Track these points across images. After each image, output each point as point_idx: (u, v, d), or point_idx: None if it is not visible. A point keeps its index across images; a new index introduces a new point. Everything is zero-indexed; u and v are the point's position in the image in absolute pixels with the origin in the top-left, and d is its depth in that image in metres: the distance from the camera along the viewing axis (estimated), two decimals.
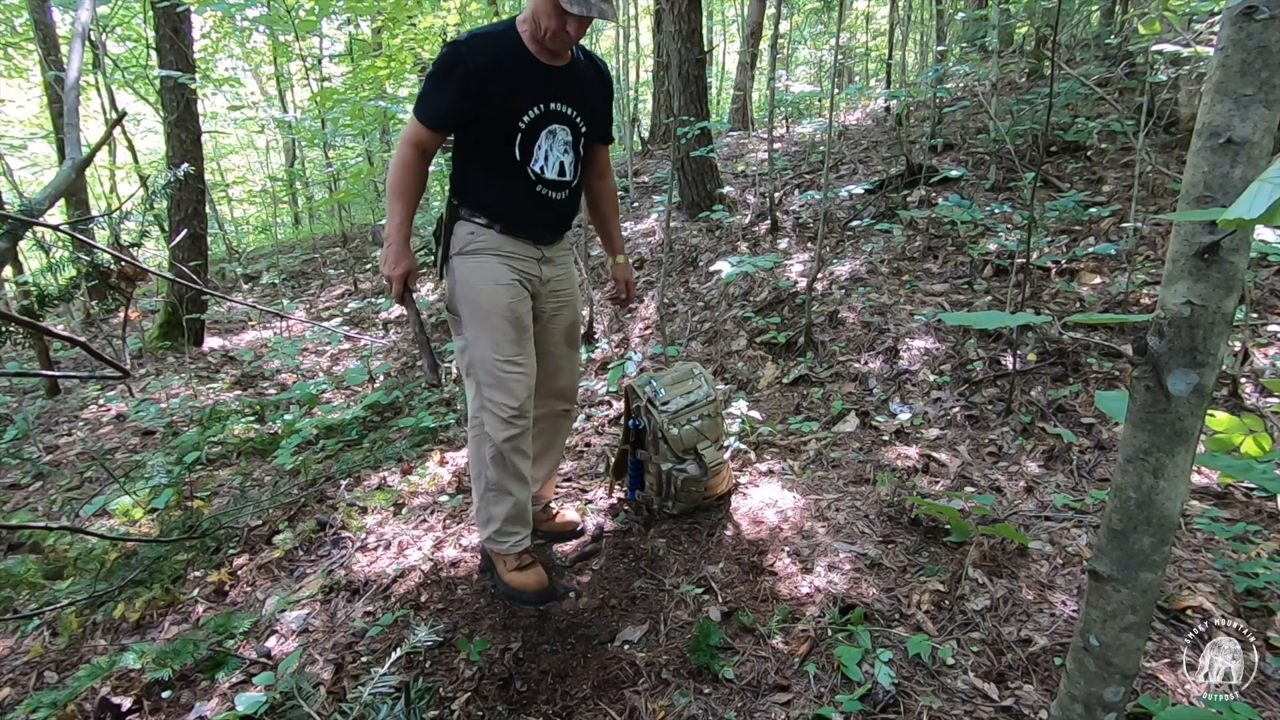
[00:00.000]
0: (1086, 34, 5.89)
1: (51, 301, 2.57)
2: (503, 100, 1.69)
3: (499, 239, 1.80)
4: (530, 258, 1.85)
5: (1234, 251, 0.79)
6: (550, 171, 1.79)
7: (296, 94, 12.21)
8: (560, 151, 1.79)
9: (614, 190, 2.06)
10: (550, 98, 1.74)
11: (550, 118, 1.75)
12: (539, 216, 1.84)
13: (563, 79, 1.75)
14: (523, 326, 1.82)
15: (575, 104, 1.78)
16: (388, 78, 6.46)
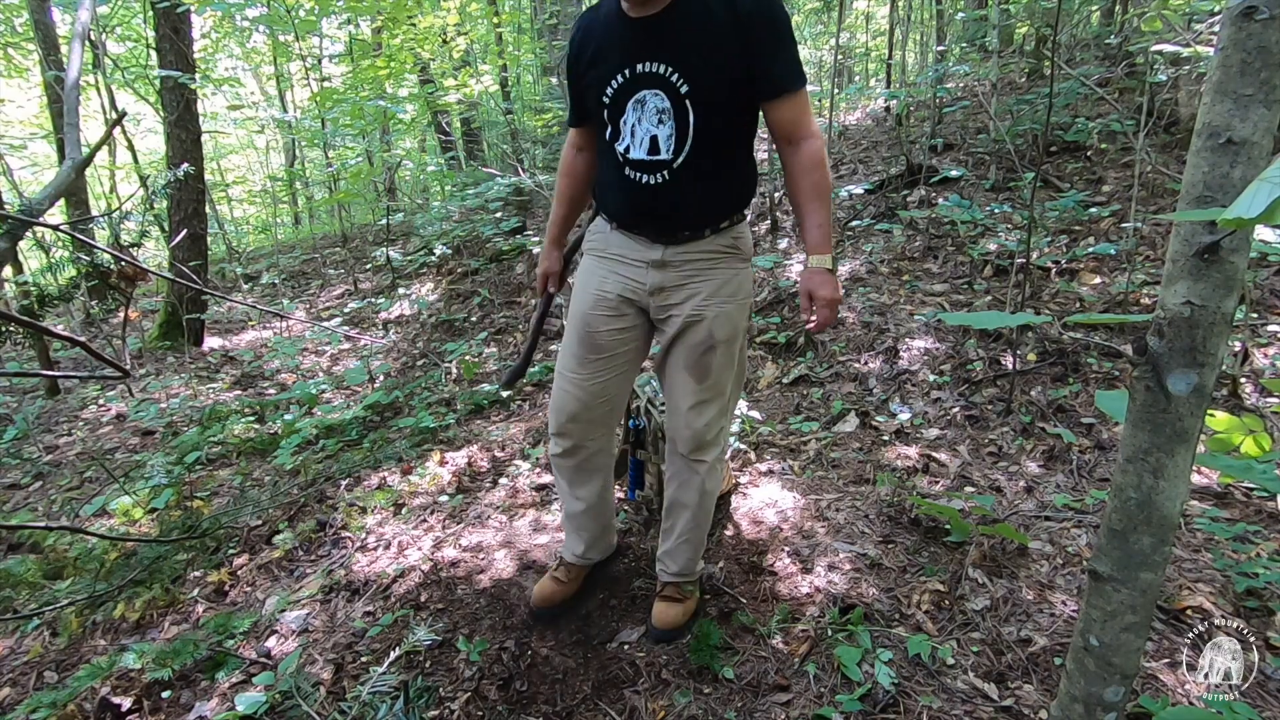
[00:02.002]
0: (1086, 34, 5.89)
1: (51, 301, 2.57)
2: (592, 73, 1.48)
3: (609, 237, 1.62)
4: (640, 261, 1.57)
5: (1234, 251, 0.79)
6: (637, 149, 1.47)
7: (296, 94, 12.21)
8: (652, 123, 1.45)
9: (809, 163, 1.44)
10: (636, 59, 1.42)
11: (638, 83, 1.43)
12: (632, 206, 1.55)
13: (656, 31, 1.40)
14: (592, 341, 1.62)
15: (672, 59, 1.40)
16: (388, 78, 6.46)
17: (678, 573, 1.78)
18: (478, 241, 6.27)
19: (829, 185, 1.48)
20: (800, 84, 1.43)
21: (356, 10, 6.14)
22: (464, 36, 6.62)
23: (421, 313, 5.55)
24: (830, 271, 1.47)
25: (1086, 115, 4.71)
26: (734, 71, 1.39)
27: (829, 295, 1.46)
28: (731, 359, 1.61)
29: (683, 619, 1.77)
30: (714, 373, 1.58)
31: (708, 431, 1.63)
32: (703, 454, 1.66)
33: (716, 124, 1.44)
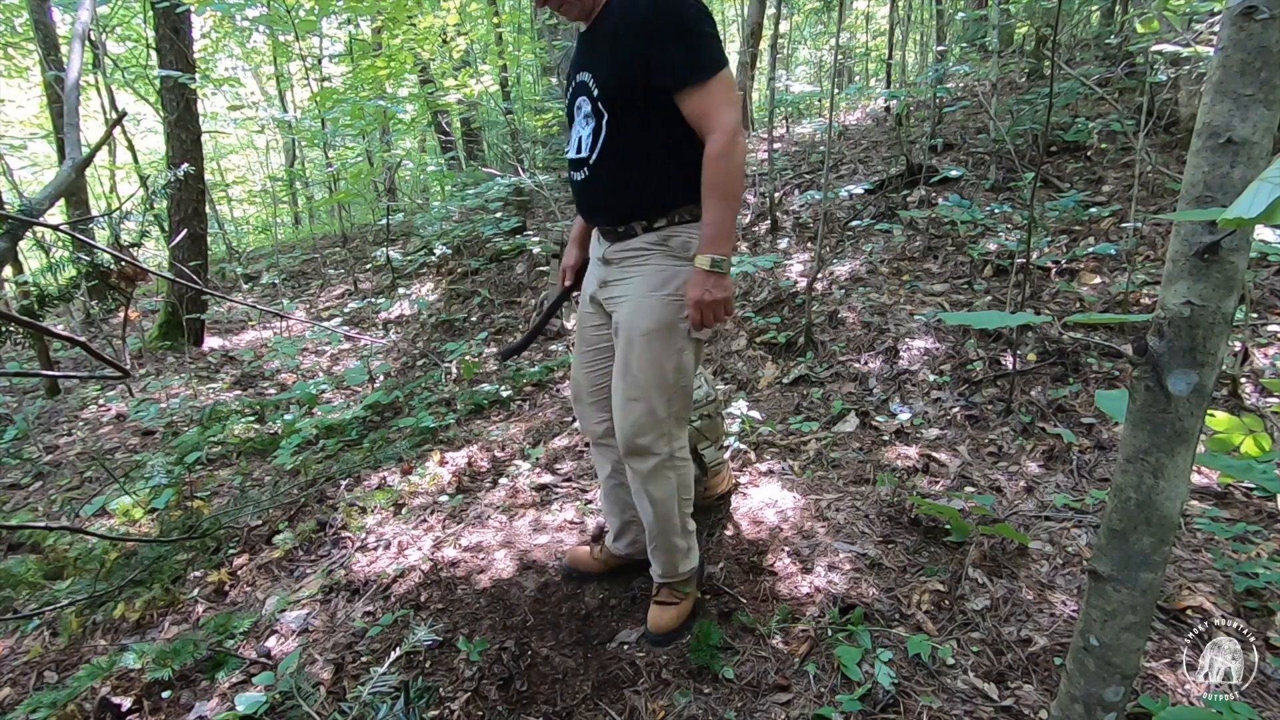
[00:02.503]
0: (1086, 34, 5.89)
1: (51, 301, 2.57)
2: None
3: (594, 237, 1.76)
4: (597, 259, 1.70)
5: (1234, 251, 0.79)
6: (571, 150, 1.62)
7: (296, 94, 12.21)
8: (581, 126, 1.58)
9: (711, 156, 1.42)
10: (576, 69, 1.58)
11: (577, 91, 1.58)
12: (576, 203, 1.71)
13: (587, 43, 1.57)
14: (581, 334, 1.81)
15: (592, 67, 1.53)
16: (388, 78, 6.46)
17: (660, 575, 1.80)
18: (478, 241, 6.27)
19: (728, 183, 1.42)
20: (703, 76, 1.40)
21: (356, 10, 6.14)
22: (464, 36, 6.62)
23: (421, 313, 5.55)
24: (708, 272, 1.45)
25: (1086, 115, 4.71)
26: (634, 71, 1.43)
27: (694, 296, 1.47)
28: (655, 358, 1.56)
29: (675, 622, 1.77)
30: (634, 370, 1.58)
31: (635, 434, 1.61)
32: (634, 459, 1.65)
33: (627, 124, 1.49)
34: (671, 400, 1.61)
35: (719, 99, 1.40)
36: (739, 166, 1.41)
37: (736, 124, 1.40)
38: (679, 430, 1.68)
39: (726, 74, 1.42)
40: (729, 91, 1.41)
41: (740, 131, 1.41)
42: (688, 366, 1.61)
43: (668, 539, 1.75)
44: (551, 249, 5.06)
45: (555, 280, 4.75)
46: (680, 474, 1.71)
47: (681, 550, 1.78)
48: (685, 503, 1.75)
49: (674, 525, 1.73)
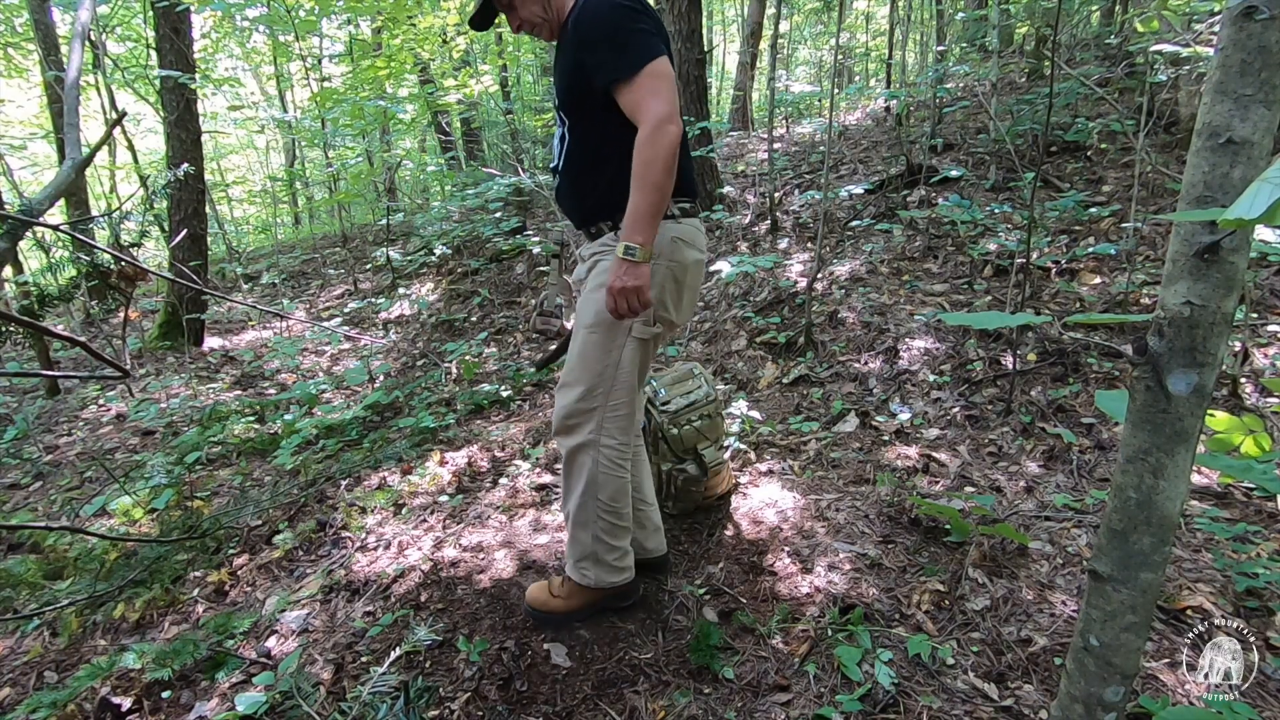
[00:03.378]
0: (1086, 34, 5.89)
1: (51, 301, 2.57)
2: None
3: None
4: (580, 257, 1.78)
5: (1234, 251, 0.79)
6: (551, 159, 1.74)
7: (296, 94, 12.21)
8: (556, 135, 1.69)
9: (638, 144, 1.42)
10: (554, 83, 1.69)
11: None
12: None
13: (555, 57, 1.67)
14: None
15: (555, 79, 1.66)
16: (388, 78, 6.46)
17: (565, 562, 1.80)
18: (478, 241, 6.27)
19: (646, 172, 1.42)
20: (629, 72, 1.42)
21: (356, 10, 6.14)
22: (464, 36, 6.62)
23: (421, 313, 5.55)
24: (620, 260, 1.45)
25: (1086, 115, 4.71)
26: (576, 79, 1.52)
27: (608, 282, 1.49)
28: (594, 350, 1.61)
29: (543, 605, 1.80)
30: (574, 359, 1.65)
31: (565, 416, 1.66)
32: (561, 437, 1.69)
33: (583, 129, 1.58)
34: (609, 393, 1.64)
35: (645, 91, 1.42)
36: (660, 156, 1.40)
37: (662, 114, 1.40)
38: (615, 426, 1.67)
39: (654, 67, 1.42)
40: (656, 83, 1.42)
41: (667, 121, 1.40)
42: (627, 363, 1.63)
43: (575, 530, 1.74)
44: (551, 249, 5.06)
45: (555, 280, 4.75)
46: (601, 470, 1.67)
47: (586, 552, 1.74)
48: (602, 508, 1.69)
49: (582, 520, 1.71)
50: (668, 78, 1.43)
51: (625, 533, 1.76)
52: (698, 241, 1.66)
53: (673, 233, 1.59)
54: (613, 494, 1.70)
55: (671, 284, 1.61)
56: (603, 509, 1.70)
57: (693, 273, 1.65)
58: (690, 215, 1.65)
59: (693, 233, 1.64)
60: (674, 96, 1.43)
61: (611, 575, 1.77)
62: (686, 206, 1.63)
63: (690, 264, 1.63)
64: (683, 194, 1.62)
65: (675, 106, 1.42)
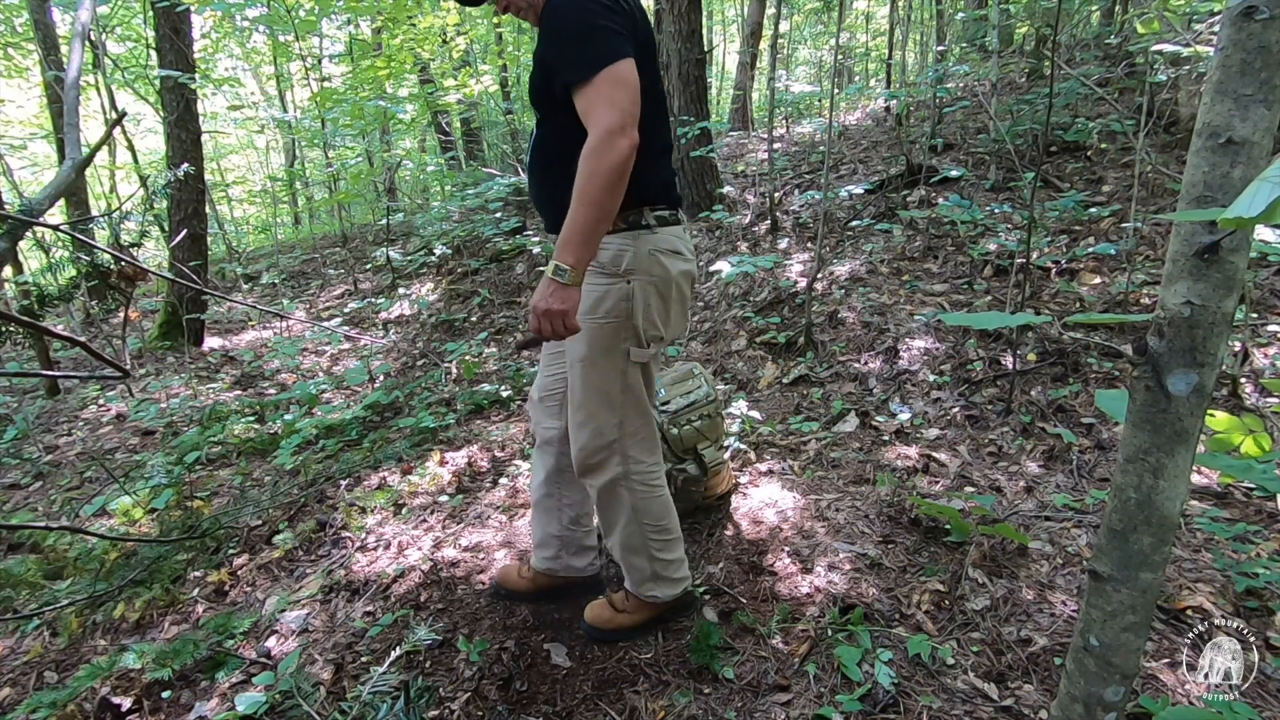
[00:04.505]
0: (1086, 34, 5.89)
1: (51, 301, 2.56)
2: None
3: None
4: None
5: (1234, 251, 0.79)
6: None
7: (296, 94, 12.21)
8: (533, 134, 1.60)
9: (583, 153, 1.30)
10: None
11: None
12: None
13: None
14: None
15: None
16: (388, 78, 6.46)
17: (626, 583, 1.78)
18: (478, 241, 6.27)
19: (585, 185, 1.28)
20: (585, 74, 1.30)
21: (356, 10, 6.14)
22: (464, 36, 6.62)
23: (421, 313, 5.55)
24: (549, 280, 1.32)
25: (1086, 115, 4.71)
26: (540, 75, 1.44)
27: (533, 303, 1.35)
28: (596, 383, 1.54)
29: (608, 625, 1.76)
30: (578, 395, 1.57)
31: (585, 456, 1.60)
32: (588, 477, 1.64)
33: (550, 128, 1.50)
34: (624, 421, 1.57)
35: (597, 98, 1.29)
36: (601, 171, 1.27)
37: (610, 125, 1.27)
38: (639, 450, 1.61)
39: (613, 71, 1.29)
40: (612, 89, 1.29)
41: (616, 133, 1.27)
42: (634, 385, 1.56)
43: (628, 558, 1.71)
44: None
45: None
46: (639, 497, 1.63)
47: (645, 574, 1.71)
48: (651, 529, 1.66)
49: (634, 546, 1.68)
50: (626, 84, 1.30)
51: (678, 543, 1.74)
52: (680, 250, 1.56)
53: (649, 245, 1.49)
54: (658, 514, 1.66)
55: (656, 300, 1.52)
56: (651, 530, 1.66)
57: (679, 285, 1.56)
58: (670, 224, 1.54)
59: (672, 241, 1.54)
60: (631, 105, 1.29)
61: (673, 589, 1.74)
62: (665, 215, 1.53)
63: (674, 276, 1.53)
64: (661, 201, 1.52)
65: (630, 117, 1.29)
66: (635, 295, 1.49)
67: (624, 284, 1.48)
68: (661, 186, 1.52)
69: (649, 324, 1.52)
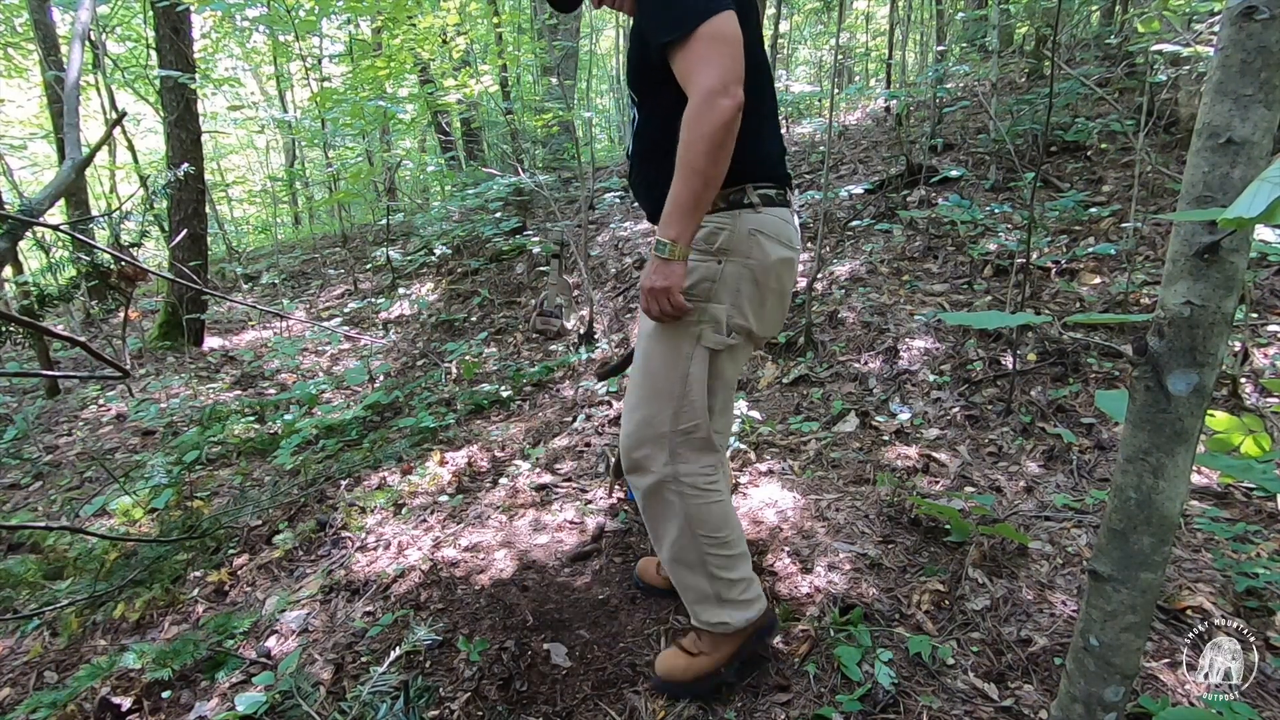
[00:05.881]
0: (1086, 34, 5.89)
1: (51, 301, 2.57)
2: None
3: None
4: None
5: (1234, 251, 0.79)
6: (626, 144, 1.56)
7: (296, 94, 12.21)
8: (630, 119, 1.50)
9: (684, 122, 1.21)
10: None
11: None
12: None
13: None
14: None
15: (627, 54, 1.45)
16: (388, 78, 6.46)
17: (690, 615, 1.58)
18: (478, 241, 6.27)
19: (686, 155, 1.20)
20: (678, 32, 1.19)
21: (356, 10, 6.14)
22: (464, 36, 6.62)
23: (421, 313, 5.55)
24: (654, 256, 1.27)
25: (1086, 115, 4.71)
26: (636, 48, 1.33)
27: (642, 282, 1.31)
28: (658, 364, 1.40)
29: (682, 674, 1.54)
30: (638, 375, 1.45)
31: (632, 446, 1.45)
32: (633, 475, 1.48)
33: (651, 109, 1.38)
34: (678, 415, 1.41)
35: (695, 59, 1.18)
36: (703, 136, 1.17)
37: (711, 86, 1.16)
38: (689, 451, 1.43)
39: (711, 27, 1.17)
40: (709, 47, 1.17)
41: (718, 94, 1.16)
42: (698, 378, 1.39)
43: (681, 576, 1.50)
44: (551, 249, 5.06)
45: (555, 280, 4.75)
46: (691, 504, 1.44)
47: (705, 595, 1.50)
48: (708, 542, 1.46)
49: (688, 561, 1.48)
50: (725, 40, 1.17)
51: (742, 560, 1.52)
52: (784, 235, 1.39)
53: (750, 225, 1.35)
54: (716, 524, 1.46)
55: (749, 286, 1.37)
56: (709, 544, 1.45)
57: (778, 273, 1.39)
58: (776, 204, 1.39)
59: (777, 225, 1.38)
60: (733, 62, 1.18)
61: (745, 611, 1.51)
62: (771, 194, 1.38)
63: (773, 263, 1.37)
64: (765, 179, 1.37)
65: (733, 75, 1.17)
66: (724, 276, 1.35)
67: (714, 263, 1.35)
68: (766, 160, 1.38)
69: (735, 311, 1.38)
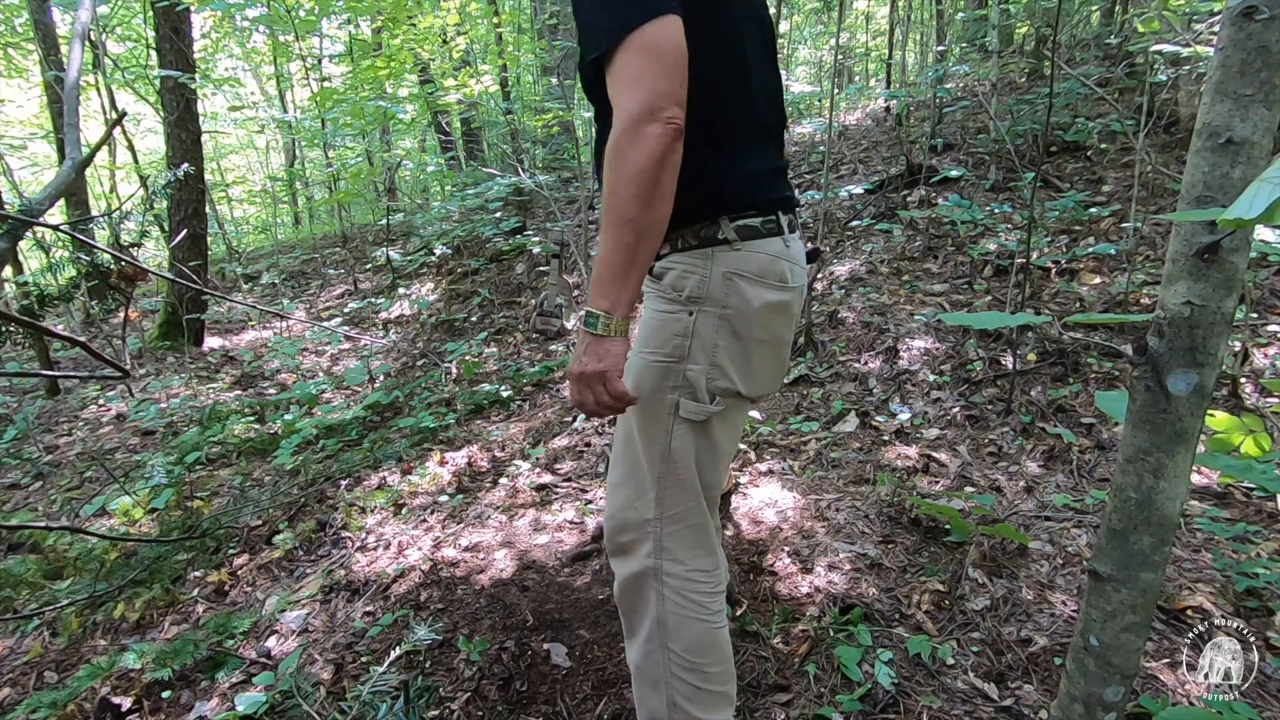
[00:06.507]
0: (1086, 34, 5.89)
1: (51, 301, 2.57)
2: None
3: None
4: None
5: (1234, 251, 0.79)
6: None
7: (296, 94, 12.21)
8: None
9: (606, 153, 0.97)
10: None
11: None
12: None
13: None
14: None
15: None
16: (388, 78, 6.46)
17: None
18: (478, 241, 6.27)
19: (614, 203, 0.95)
20: (596, 49, 0.97)
21: (356, 10, 6.14)
22: (464, 36, 6.61)
23: (421, 313, 5.55)
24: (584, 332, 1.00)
25: (1086, 115, 4.71)
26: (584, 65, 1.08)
27: (570, 366, 1.04)
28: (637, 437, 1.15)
29: None
30: (618, 448, 1.21)
31: (615, 529, 1.21)
32: (614, 559, 1.23)
33: (602, 125, 1.12)
34: (663, 498, 1.15)
35: (620, 75, 0.95)
36: (629, 174, 0.93)
37: (633, 110, 0.92)
38: (679, 547, 1.17)
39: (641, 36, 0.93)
40: (639, 61, 0.93)
41: (643, 120, 0.92)
42: (682, 455, 1.13)
43: (640, 690, 1.23)
44: (551, 249, 5.06)
45: (555, 280, 4.75)
46: (670, 611, 1.17)
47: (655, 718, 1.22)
48: (679, 664, 1.17)
49: (650, 676, 1.20)
50: (659, 53, 0.92)
51: (719, 704, 1.20)
52: (773, 274, 1.11)
53: (725, 266, 1.08)
54: (691, 644, 1.17)
55: (729, 340, 1.10)
56: (679, 666, 1.17)
57: (764, 322, 1.11)
58: (760, 236, 1.10)
59: (762, 263, 1.10)
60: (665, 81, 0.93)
61: None
62: (755, 224, 1.10)
63: (757, 310, 1.10)
64: (745, 207, 1.10)
65: (662, 95, 0.92)
66: (696, 331, 1.09)
67: (685, 314, 1.10)
68: (747, 184, 1.11)
69: (716, 371, 1.11)
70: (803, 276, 1.20)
